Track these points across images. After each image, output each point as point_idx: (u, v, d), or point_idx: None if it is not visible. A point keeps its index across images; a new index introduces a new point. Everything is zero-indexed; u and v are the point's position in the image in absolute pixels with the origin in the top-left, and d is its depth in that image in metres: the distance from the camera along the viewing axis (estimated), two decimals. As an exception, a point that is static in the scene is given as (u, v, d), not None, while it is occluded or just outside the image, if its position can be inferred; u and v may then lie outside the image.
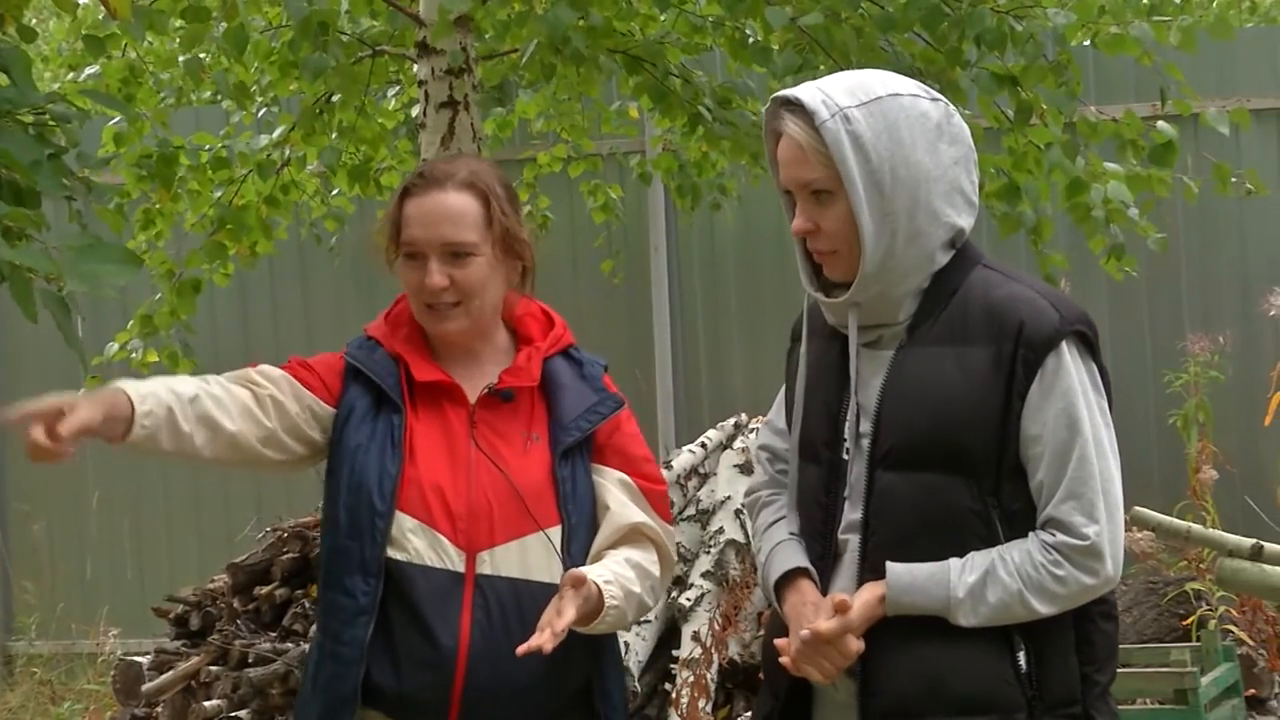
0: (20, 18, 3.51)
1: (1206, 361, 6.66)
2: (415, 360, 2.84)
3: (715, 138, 6.00)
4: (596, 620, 2.66)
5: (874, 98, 2.48)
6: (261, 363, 2.97)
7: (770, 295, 7.68)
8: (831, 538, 2.58)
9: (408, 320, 2.90)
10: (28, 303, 2.42)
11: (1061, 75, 5.11)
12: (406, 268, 2.84)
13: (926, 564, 2.48)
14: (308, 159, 6.71)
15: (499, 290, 2.84)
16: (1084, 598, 2.49)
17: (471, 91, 5.30)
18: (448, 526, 2.74)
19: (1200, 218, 7.25)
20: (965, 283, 2.53)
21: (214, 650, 5.99)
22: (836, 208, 2.50)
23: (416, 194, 2.82)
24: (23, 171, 2.67)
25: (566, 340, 2.91)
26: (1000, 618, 2.46)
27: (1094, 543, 2.45)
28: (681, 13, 6.01)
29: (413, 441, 2.78)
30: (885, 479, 2.51)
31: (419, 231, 2.80)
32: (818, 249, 2.56)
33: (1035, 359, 2.46)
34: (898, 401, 2.51)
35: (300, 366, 2.91)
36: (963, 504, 2.47)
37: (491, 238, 2.80)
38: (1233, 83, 7.17)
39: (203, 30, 5.56)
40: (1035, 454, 2.47)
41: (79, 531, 8.43)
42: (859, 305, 2.54)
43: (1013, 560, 2.46)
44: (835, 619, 2.48)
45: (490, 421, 2.81)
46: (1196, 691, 4.80)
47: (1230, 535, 4.44)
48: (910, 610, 2.48)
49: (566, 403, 2.83)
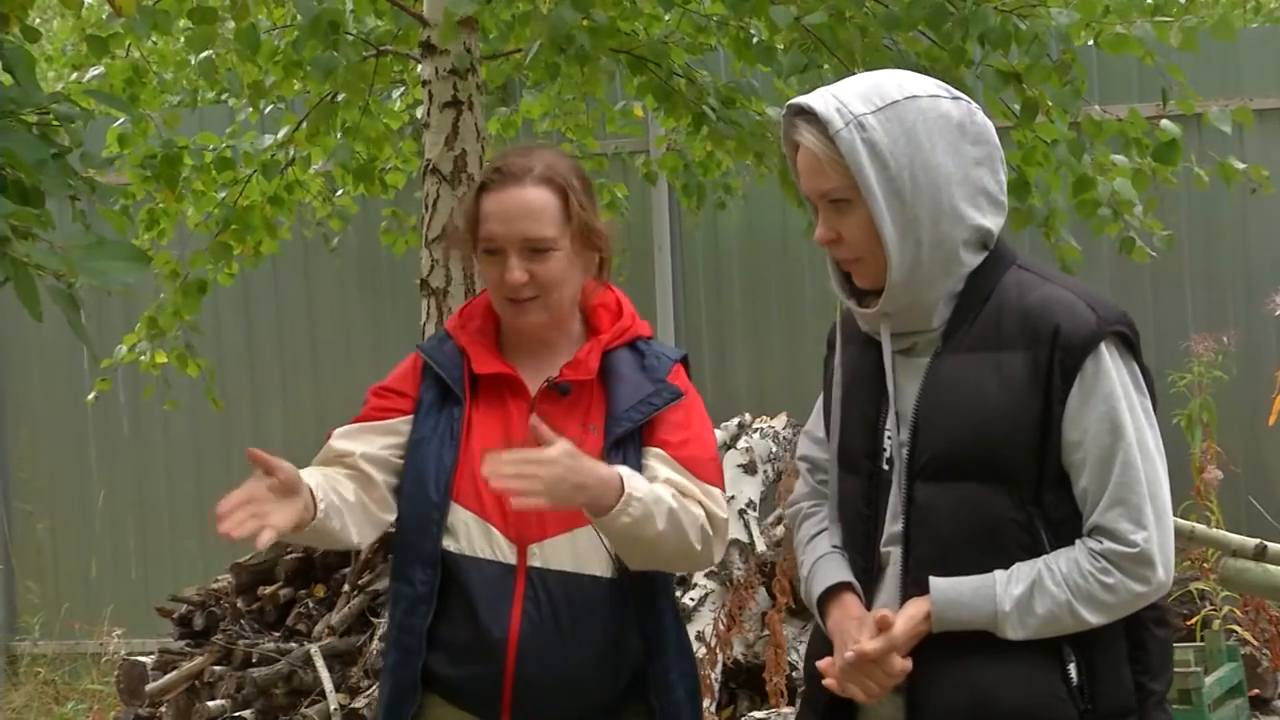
0: (25, 18, 3.51)
1: (1210, 361, 6.66)
2: (478, 353, 2.84)
3: (720, 137, 6.00)
4: (616, 509, 2.62)
5: (890, 102, 2.42)
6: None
7: (774, 295, 7.68)
8: (874, 551, 2.52)
9: (481, 312, 2.90)
10: (33, 302, 2.42)
11: (1066, 74, 5.12)
12: (486, 263, 2.83)
13: (970, 578, 2.41)
14: (312, 159, 6.71)
15: (577, 282, 2.84)
16: (1135, 606, 2.42)
17: (476, 92, 5.30)
18: (499, 519, 2.75)
19: (1204, 218, 7.25)
20: (1000, 285, 2.47)
21: (218, 650, 6.00)
22: (856, 216, 2.44)
23: (494, 189, 2.81)
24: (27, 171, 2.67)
25: (635, 331, 2.90)
26: (1049, 629, 2.40)
27: (1143, 549, 2.38)
28: (686, 12, 6.01)
29: (470, 433, 2.80)
30: (924, 491, 2.45)
31: (498, 228, 2.79)
32: (842, 258, 2.51)
33: (1073, 363, 2.39)
34: (934, 411, 2.45)
35: (379, 396, 2.91)
36: (1005, 514, 2.41)
37: (570, 231, 2.79)
38: (1236, 83, 7.17)
39: (211, 32, 5.56)
40: (1078, 460, 2.41)
41: (83, 531, 8.43)
42: (889, 315, 2.48)
43: (1060, 570, 2.39)
44: (880, 638, 2.42)
45: (549, 413, 2.79)
46: (1200, 691, 4.80)
47: (1234, 535, 4.44)
48: (956, 626, 2.41)
49: (621, 394, 2.81)
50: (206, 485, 8.26)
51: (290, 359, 8.22)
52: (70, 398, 8.29)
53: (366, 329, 8.05)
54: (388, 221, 7.33)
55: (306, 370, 8.16)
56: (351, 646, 5.88)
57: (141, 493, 8.37)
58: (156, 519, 8.36)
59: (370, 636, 5.87)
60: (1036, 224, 5.45)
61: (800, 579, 2.64)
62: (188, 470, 8.29)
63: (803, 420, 7.29)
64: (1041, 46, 5.00)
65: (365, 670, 5.78)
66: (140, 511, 8.37)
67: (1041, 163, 5.34)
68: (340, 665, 5.86)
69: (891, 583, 2.49)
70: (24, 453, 8.54)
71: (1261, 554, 4.23)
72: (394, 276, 7.81)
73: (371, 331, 8.04)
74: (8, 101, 2.74)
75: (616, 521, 2.64)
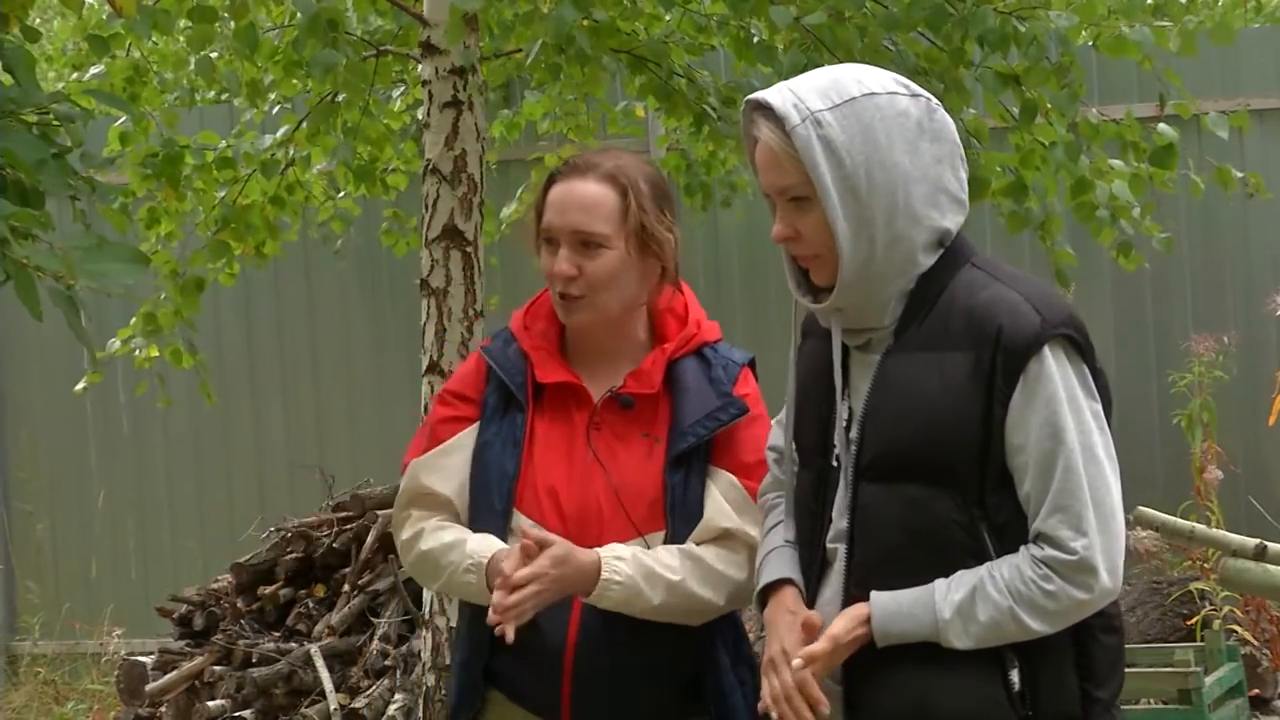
0: (25, 18, 3.51)
1: (1211, 361, 6.66)
2: (542, 359, 2.83)
3: (720, 137, 5.99)
4: (595, 594, 2.67)
5: (848, 99, 2.38)
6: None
7: (774, 295, 7.68)
8: (820, 546, 2.51)
9: (546, 313, 2.88)
10: (33, 302, 2.42)
11: (1064, 77, 5.12)
12: (544, 253, 2.81)
13: (910, 590, 2.38)
14: (313, 159, 6.71)
15: (631, 287, 2.80)
16: (1080, 613, 2.38)
17: (476, 92, 5.30)
18: (559, 526, 2.75)
19: (1203, 219, 7.25)
20: (952, 283, 2.43)
21: (218, 650, 6.00)
22: (814, 213, 2.41)
23: (560, 180, 2.81)
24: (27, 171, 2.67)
25: (701, 338, 2.88)
26: (995, 637, 2.36)
27: (1083, 557, 2.33)
28: (686, 12, 6.01)
29: (533, 441, 2.80)
30: (868, 491, 2.43)
31: (554, 217, 2.78)
32: (799, 254, 2.48)
33: (1016, 366, 2.35)
34: (880, 410, 2.43)
35: (442, 405, 2.90)
36: (947, 516, 2.38)
37: (626, 232, 2.76)
38: (1236, 83, 7.17)
39: (210, 31, 5.56)
40: (1020, 464, 2.37)
41: (83, 531, 8.43)
42: (841, 311, 2.46)
43: (1002, 576, 2.35)
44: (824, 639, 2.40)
45: (612, 424, 2.80)
46: (1200, 691, 4.80)
47: (1234, 535, 4.44)
48: (900, 639, 2.38)
49: (687, 407, 2.79)
50: (206, 485, 8.27)
51: (290, 359, 8.22)
52: (70, 398, 8.28)
53: (366, 329, 8.05)
54: (389, 222, 7.33)
55: (306, 370, 8.16)
56: (351, 646, 5.88)
57: (141, 493, 8.37)
58: (156, 519, 8.36)
59: (370, 636, 5.87)
60: (1033, 227, 5.45)
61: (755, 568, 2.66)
62: (188, 470, 8.29)
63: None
64: (1040, 48, 5.00)
65: (365, 670, 5.78)
66: (140, 511, 8.37)
67: (1039, 166, 5.34)
68: (340, 665, 5.87)
69: (836, 580, 2.48)
70: (24, 453, 8.54)
71: (1261, 554, 4.24)
72: (394, 276, 7.81)
73: (371, 331, 8.04)
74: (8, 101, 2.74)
75: (600, 604, 2.69)
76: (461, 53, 5.18)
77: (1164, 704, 4.91)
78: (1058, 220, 5.49)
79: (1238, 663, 5.23)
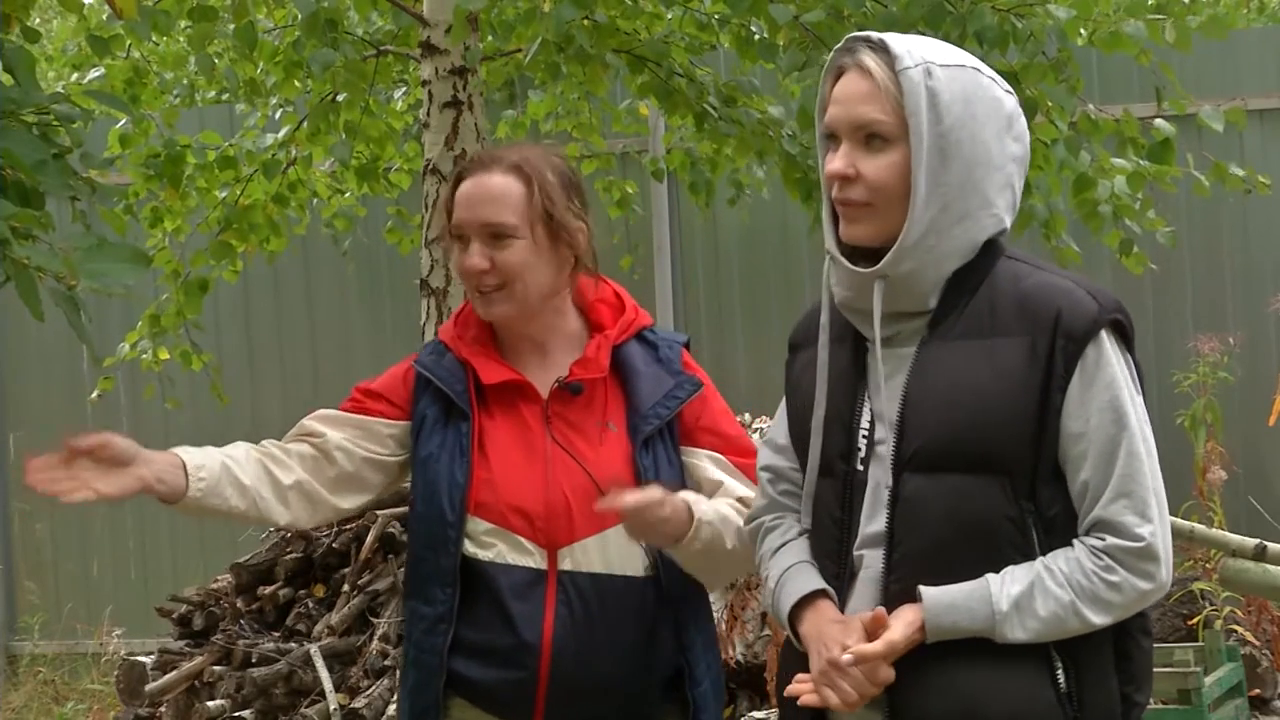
0: (26, 19, 3.51)
1: (1215, 362, 6.65)
2: (482, 362, 2.80)
3: (722, 135, 6.00)
4: (689, 535, 2.62)
5: (958, 64, 2.34)
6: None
7: (774, 295, 7.68)
8: (846, 556, 2.40)
9: (476, 320, 2.86)
10: (34, 302, 2.42)
11: (1061, 72, 5.12)
12: (456, 250, 2.81)
13: (961, 584, 2.28)
14: (314, 158, 6.72)
15: (546, 276, 2.78)
16: (1139, 605, 2.31)
17: (476, 92, 5.30)
18: (525, 527, 2.72)
19: (1204, 218, 7.26)
20: (991, 274, 2.35)
21: (217, 650, 6.00)
22: (889, 158, 2.32)
23: (467, 177, 2.80)
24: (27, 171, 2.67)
25: (640, 323, 2.86)
26: (1053, 632, 2.27)
27: (1149, 544, 2.26)
28: (687, 10, 6.01)
29: (486, 444, 2.77)
30: (912, 483, 2.31)
31: (462, 213, 2.78)
32: (849, 198, 2.35)
33: (1075, 350, 2.28)
34: (923, 400, 2.32)
35: (364, 396, 2.88)
36: (997, 509, 2.29)
37: (533, 220, 2.75)
38: (1236, 83, 7.17)
39: (210, 30, 5.56)
40: (1078, 453, 2.28)
41: (82, 531, 8.43)
42: (887, 279, 2.34)
43: (1060, 570, 2.27)
44: (881, 641, 2.28)
45: (565, 415, 2.78)
46: (1200, 691, 4.80)
47: (1233, 535, 4.44)
48: (952, 633, 2.28)
49: (644, 389, 2.78)
50: (206, 485, 8.26)
51: (290, 358, 8.22)
52: (70, 398, 8.29)
53: (366, 329, 8.06)
54: (393, 220, 7.33)
55: (306, 369, 8.16)
56: (351, 646, 5.88)
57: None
58: (156, 519, 8.36)
59: (370, 636, 5.87)
60: (1038, 223, 5.45)
61: (766, 593, 2.52)
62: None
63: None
64: (1038, 45, 5.00)
65: (365, 670, 5.78)
66: (140, 511, 8.37)
67: (1042, 165, 5.34)
68: (340, 665, 5.86)
69: (865, 589, 2.37)
70: (22, 452, 8.54)
71: (1261, 554, 4.23)
72: (394, 276, 7.81)
73: (371, 331, 8.04)
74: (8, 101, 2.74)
75: (689, 548, 2.63)
76: (463, 53, 5.19)
77: (1164, 704, 4.90)
78: (1061, 218, 5.49)
79: (1237, 663, 5.22)
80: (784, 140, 5.79)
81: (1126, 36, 5.03)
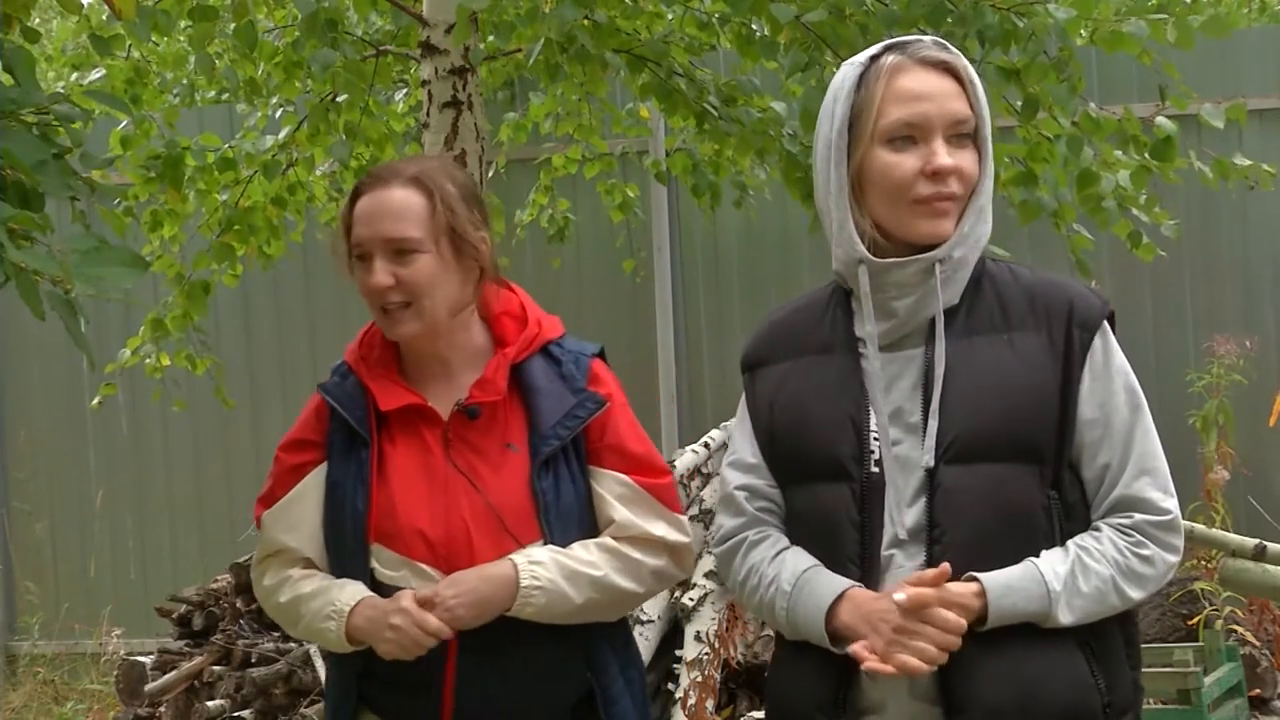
0: (26, 19, 3.50)
1: (1231, 365, 6.66)
2: (381, 386, 2.75)
3: (723, 135, 5.99)
4: (518, 604, 2.61)
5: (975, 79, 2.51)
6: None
7: (774, 295, 7.67)
8: (872, 558, 2.40)
9: (380, 341, 2.81)
10: (35, 302, 2.41)
11: (1063, 71, 5.11)
12: (358, 270, 2.75)
13: (1010, 568, 2.33)
14: (315, 159, 6.71)
15: (453, 291, 2.72)
16: (1167, 578, 2.40)
17: (476, 92, 5.30)
18: (426, 553, 2.67)
19: (1203, 218, 7.25)
20: (984, 273, 2.48)
21: (217, 650, 6.00)
22: (971, 152, 2.45)
23: (365, 193, 2.75)
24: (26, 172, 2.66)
25: (544, 337, 2.79)
26: (1097, 610, 2.35)
27: (1174, 516, 2.39)
28: (688, 9, 6.01)
29: (387, 470, 2.71)
30: (950, 474, 2.36)
31: (363, 229, 2.72)
32: (951, 193, 2.42)
33: (1087, 339, 2.41)
34: (954, 393, 2.38)
35: (285, 453, 2.83)
36: (1033, 497, 2.36)
37: (436, 234, 2.69)
38: (1236, 83, 7.17)
39: (210, 29, 5.56)
40: (1094, 438, 2.39)
41: (82, 531, 8.43)
42: (943, 263, 2.42)
43: (1095, 549, 2.36)
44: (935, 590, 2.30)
45: (466, 437, 2.72)
46: (1199, 691, 4.80)
47: (1233, 535, 4.44)
48: (1011, 616, 2.32)
49: (544, 409, 2.71)
50: (206, 485, 8.27)
51: (289, 359, 8.22)
52: (69, 398, 8.29)
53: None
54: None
55: (306, 371, 8.15)
56: (351, 647, 5.88)
57: (140, 493, 8.37)
58: (155, 519, 8.37)
59: (370, 637, 5.87)
60: (1047, 213, 5.44)
61: (767, 601, 2.49)
62: (187, 470, 8.29)
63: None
64: (1039, 43, 5.00)
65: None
66: (139, 511, 8.37)
67: (1047, 159, 5.34)
68: (340, 665, 5.86)
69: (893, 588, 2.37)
70: (23, 453, 8.54)
71: (1261, 554, 4.24)
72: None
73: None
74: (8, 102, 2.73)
75: (523, 614, 2.62)
76: (464, 53, 5.18)
77: (1163, 704, 4.90)
78: (1069, 209, 5.48)
79: (1237, 663, 5.22)
80: (784, 139, 5.79)
81: (1128, 35, 5.03)
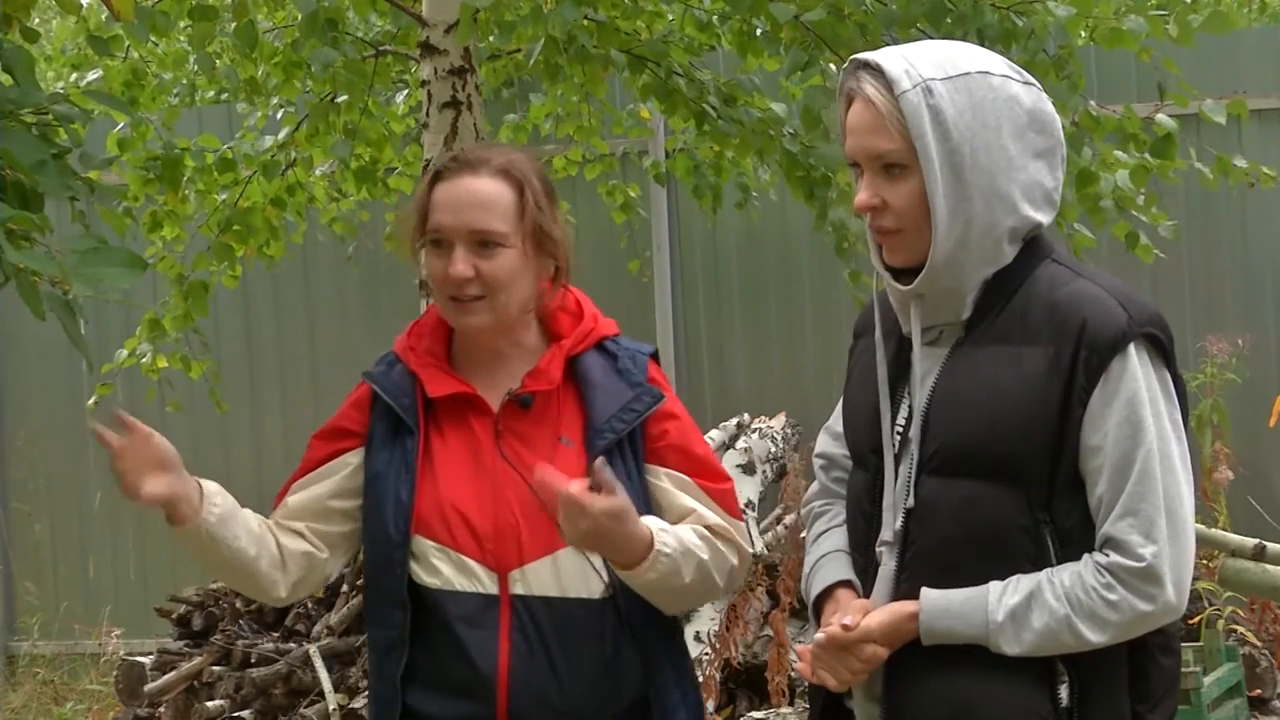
0: (26, 19, 3.50)
1: (1223, 364, 6.65)
2: (430, 374, 2.67)
3: (723, 135, 5.99)
4: (645, 565, 2.50)
5: (961, 73, 2.29)
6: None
7: (774, 296, 7.67)
8: (872, 549, 2.40)
9: (431, 330, 2.75)
10: (35, 302, 2.41)
11: (1063, 70, 5.12)
12: (432, 256, 2.65)
13: (963, 589, 2.28)
14: (314, 160, 6.71)
15: (528, 288, 2.65)
16: (1141, 627, 2.27)
17: (475, 92, 5.30)
18: (474, 547, 2.60)
19: (1203, 218, 7.25)
20: (1031, 278, 2.33)
21: (217, 650, 6.00)
22: (908, 184, 2.30)
23: (447, 178, 2.65)
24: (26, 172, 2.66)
25: (600, 332, 2.72)
26: (1047, 646, 2.25)
27: (1150, 565, 2.23)
28: (688, 9, 6.00)
29: (434, 460, 2.65)
30: (929, 485, 2.31)
31: (446, 217, 2.62)
32: (881, 226, 2.34)
33: (1099, 362, 2.25)
34: (945, 403, 2.32)
35: (321, 441, 2.76)
36: (1011, 519, 2.27)
37: (523, 230, 2.62)
38: (1236, 83, 7.16)
39: (210, 29, 5.56)
40: (1095, 466, 2.26)
41: (81, 531, 8.43)
42: (923, 298, 2.33)
43: (1061, 583, 2.25)
44: (851, 619, 2.32)
45: (516, 429, 2.65)
46: (1199, 691, 4.80)
47: (1233, 535, 4.43)
48: (947, 638, 2.28)
49: (600, 402, 2.64)
50: (205, 485, 8.26)
51: (289, 359, 8.22)
52: (68, 398, 8.29)
53: (366, 329, 8.04)
54: (392, 226, 7.33)
55: (305, 371, 8.15)
56: (350, 646, 5.88)
57: (140, 493, 8.36)
58: (155, 519, 8.21)
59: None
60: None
61: (804, 579, 2.54)
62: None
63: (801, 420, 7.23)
64: (1038, 42, 5.00)
65: (364, 670, 5.77)
66: (139, 512, 8.35)
67: (1048, 157, 5.34)
68: (339, 665, 5.86)
69: (881, 585, 2.38)
70: (22, 453, 8.53)
71: (1260, 554, 4.23)
72: (394, 276, 7.80)
73: (371, 332, 8.03)
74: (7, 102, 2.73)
75: (643, 577, 2.52)
76: (463, 54, 5.18)
77: (1164, 704, 4.90)
78: (1071, 208, 5.48)
79: (1237, 663, 5.22)
80: (785, 139, 5.79)
81: (1128, 32, 5.03)
